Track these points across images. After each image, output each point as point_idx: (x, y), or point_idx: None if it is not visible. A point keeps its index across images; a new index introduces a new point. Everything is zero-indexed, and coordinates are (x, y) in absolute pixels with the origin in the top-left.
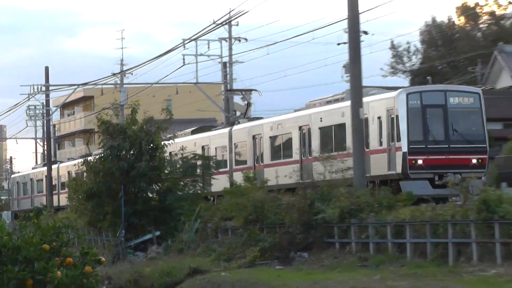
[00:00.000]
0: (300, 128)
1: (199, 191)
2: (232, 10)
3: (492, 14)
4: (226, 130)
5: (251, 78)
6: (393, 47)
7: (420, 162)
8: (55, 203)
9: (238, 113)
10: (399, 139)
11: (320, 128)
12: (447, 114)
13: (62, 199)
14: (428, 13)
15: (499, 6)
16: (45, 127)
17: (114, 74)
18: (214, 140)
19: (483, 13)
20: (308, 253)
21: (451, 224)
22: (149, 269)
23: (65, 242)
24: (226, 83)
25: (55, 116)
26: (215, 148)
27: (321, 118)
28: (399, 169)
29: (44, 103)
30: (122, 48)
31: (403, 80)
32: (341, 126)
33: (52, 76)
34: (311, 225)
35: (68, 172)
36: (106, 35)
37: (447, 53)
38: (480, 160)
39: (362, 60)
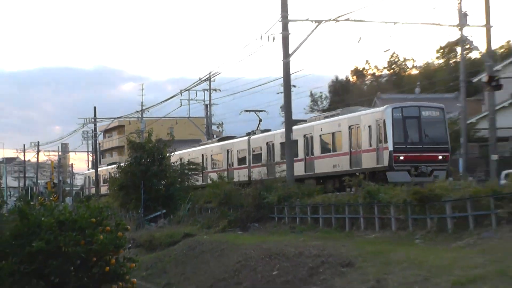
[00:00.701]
0: (304, 136)
1: (190, 185)
2: (212, 72)
3: (373, 74)
4: (246, 138)
5: (223, 114)
6: (311, 95)
7: (401, 158)
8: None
9: (215, 136)
10: (386, 141)
11: (320, 136)
12: (421, 123)
13: None
14: (333, 73)
15: (378, 69)
16: (93, 144)
17: (137, 111)
18: (236, 145)
19: (368, 73)
20: (258, 223)
21: (347, 205)
22: (158, 234)
23: (105, 217)
24: (207, 118)
25: (100, 138)
26: (237, 151)
27: (321, 128)
28: (386, 163)
29: (93, 129)
30: (142, 95)
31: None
32: (338, 134)
33: (98, 111)
34: (260, 206)
35: None
36: (133, 86)
37: (346, 98)
38: (444, 157)
39: (292, 103)
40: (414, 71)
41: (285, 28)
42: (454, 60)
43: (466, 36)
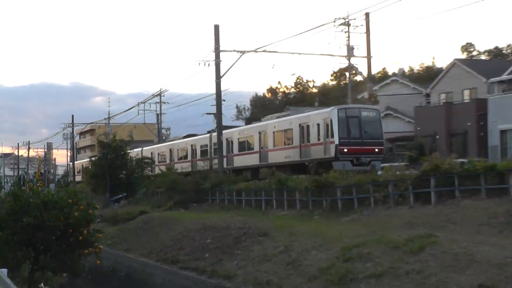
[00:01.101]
0: (259, 132)
1: (144, 175)
2: (162, 89)
3: (283, 92)
4: (208, 135)
5: (169, 122)
6: (237, 107)
7: (345, 150)
8: None
9: (164, 137)
10: (332, 136)
11: (273, 132)
12: (361, 122)
13: None
14: (253, 90)
15: (287, 88)
16: (71, 143)
17: (105, 118)
18: (199, 141)
19: (279, 91)
20: (196, 204)
21: (264, 190)
22: (120, 211)
23: (80, 199)
24: (158, 124)
25: (76, 138)
26: (200, 146)
27: (274, 126)
28: (332, 154)
29: (71, 132)
30: (109, 106)
31: (241, 123)
32: (289, 130)
33: (75, 118)
34: (198, 190)
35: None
36: (102, 99)
37: (263, 110)
38: (379, 150)
39: (222, 113)
40: (314, 90)
41: (217, 56)
42: (344, 81)
43: (352, 64)
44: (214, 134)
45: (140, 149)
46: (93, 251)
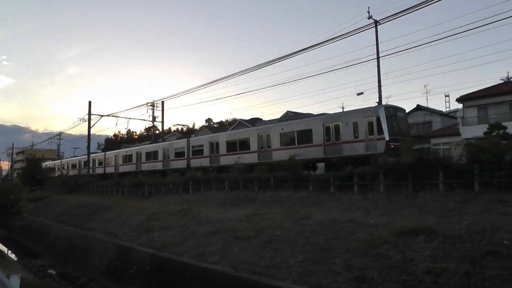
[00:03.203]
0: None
1: (49, 176)
2: (61, 131)
3: (122, 135)
4: (185, 139)
5: (64, 148)
6: (98, 144)
7: (392, 146)
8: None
9: (61, 158)
10: (381, 133)
11: (279, 134)
12: (398, 120)
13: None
14: (107, 134)
15: (122, 134)
16: (11, 159)
17: (30, 146)
18: (177, 145)
19: (119, 136)
20: (76, 192)
21: (109, 185)
22: (37, 195)
23: (15, 188)
24: (58, 150)
25: (15, 156)
26: (177, 148)
27: (282, 128)
28: (382, 150)
29: (12, 153)
30: (33, 139)
31: (99, 151)
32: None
33: (15, 145)
34: (77, 185)
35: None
36: (29, 135)
37: (112, 146)
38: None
39: (90, 146)
40: (136, 136)
41: (89, 117)
42: (150, 133)
43: (155, 124)
44: (192, 139)
45: (55, 161)
46: (21, 217)
